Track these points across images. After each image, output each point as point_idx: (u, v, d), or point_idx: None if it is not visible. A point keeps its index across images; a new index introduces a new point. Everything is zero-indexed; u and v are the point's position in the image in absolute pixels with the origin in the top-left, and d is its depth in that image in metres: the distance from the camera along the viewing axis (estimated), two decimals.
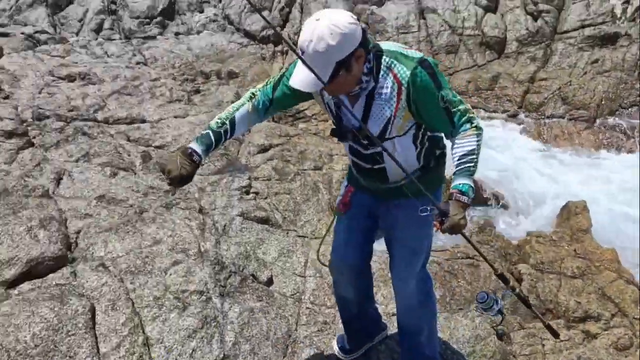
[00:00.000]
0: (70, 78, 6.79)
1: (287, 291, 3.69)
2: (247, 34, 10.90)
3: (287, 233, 4.37)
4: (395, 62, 2.07)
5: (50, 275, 3.17)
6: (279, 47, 10.83)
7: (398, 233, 2.56)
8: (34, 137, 4.94)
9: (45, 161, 4.54)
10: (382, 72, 2.08)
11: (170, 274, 3.30)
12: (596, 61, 8.97)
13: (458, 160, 2.14)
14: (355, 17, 1.98)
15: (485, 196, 6.11)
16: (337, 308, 3.16)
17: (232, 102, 7.30)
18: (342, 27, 1.90)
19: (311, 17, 1.97)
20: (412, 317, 2.78)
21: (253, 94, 2.36)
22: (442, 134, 2.33)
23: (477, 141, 2.12)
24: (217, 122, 2.30)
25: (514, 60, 9.39)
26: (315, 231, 4.61)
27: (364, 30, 2.00)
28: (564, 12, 9.65)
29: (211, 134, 2.26)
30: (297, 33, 11.10)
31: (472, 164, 2.12)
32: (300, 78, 2.00)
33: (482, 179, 6.31)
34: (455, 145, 2.17)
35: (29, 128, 5.03)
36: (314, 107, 8.17)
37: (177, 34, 11.69)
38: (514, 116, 8.44)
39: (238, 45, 10.77)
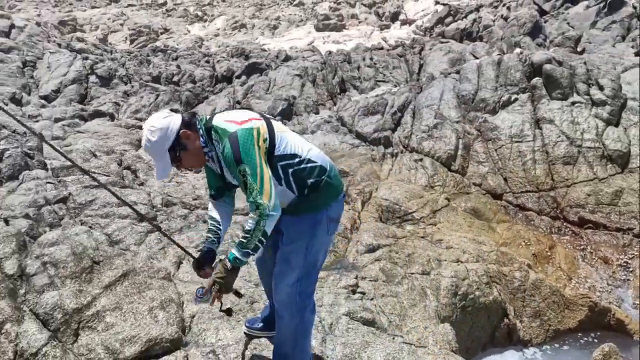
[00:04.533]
0: (197, 169, 7.35)
1: None
2: (359, 136, 11.30)
3: (393, 338, 4.23)
4: (216, 134, 2.56)
5: (165, 357, 3.29)
6: (389, 149, 11.10)
7: (281, 238, 2.87)
8: (161, 222, 5.32)
9: (169, 245, 4.85)
10: (214, 142, 2.59)
11: None
12: None
13: (241, 234, 2.55)
14: (169, 111, 2.56)
15: (611, 322, 5.58)
16: None
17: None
18: (157, 124, 2.50)
19: None
20: (280, 327, 3.01)
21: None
22: (316, 165, 2.74)
23: (256, 224, 2.47)
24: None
25: None
26: (422, 339, 4.43)
27: (185, 115, 2.58)
28: None
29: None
30: (408, 137, 11.40)
31: (245, 240, 2.51)
32: (156, 172, 2.60)
33: (609, 305, 5.81)
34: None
35: (158, 213, 5.45)
36: (422, 209, 8.13)
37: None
38: (638, 236, 7.80)
39: (349, 146, 11.16)
